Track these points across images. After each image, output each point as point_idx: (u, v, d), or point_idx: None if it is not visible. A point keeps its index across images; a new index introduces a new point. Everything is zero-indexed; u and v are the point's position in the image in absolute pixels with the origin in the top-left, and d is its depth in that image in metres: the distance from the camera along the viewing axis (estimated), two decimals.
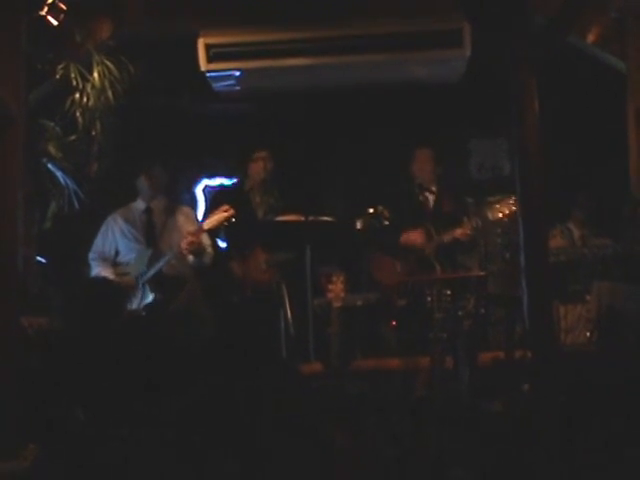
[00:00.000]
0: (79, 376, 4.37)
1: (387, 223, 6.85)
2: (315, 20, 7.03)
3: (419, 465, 5.02)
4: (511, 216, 6.62)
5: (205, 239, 6.80)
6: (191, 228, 6.80)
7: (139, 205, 6.99)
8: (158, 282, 6.64)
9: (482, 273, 6.64)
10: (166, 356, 4.56)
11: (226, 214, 6.66)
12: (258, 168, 7.21)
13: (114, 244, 6.87)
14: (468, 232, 6.81)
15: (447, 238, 6.84)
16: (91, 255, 6.90)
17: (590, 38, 6.92)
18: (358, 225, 6.90)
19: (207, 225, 6.69)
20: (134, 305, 6.57)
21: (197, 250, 6.67)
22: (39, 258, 6.74)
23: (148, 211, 6.96)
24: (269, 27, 7.16)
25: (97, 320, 4.67)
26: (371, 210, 6.79)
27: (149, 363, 4.49)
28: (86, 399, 4.31)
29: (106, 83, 6.63)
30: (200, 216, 7.67)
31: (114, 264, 6.83)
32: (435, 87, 7.78)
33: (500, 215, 6.77)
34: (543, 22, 5.14)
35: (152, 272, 6.64)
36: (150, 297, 6.60)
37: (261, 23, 7.12)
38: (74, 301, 5.02)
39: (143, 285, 6.63)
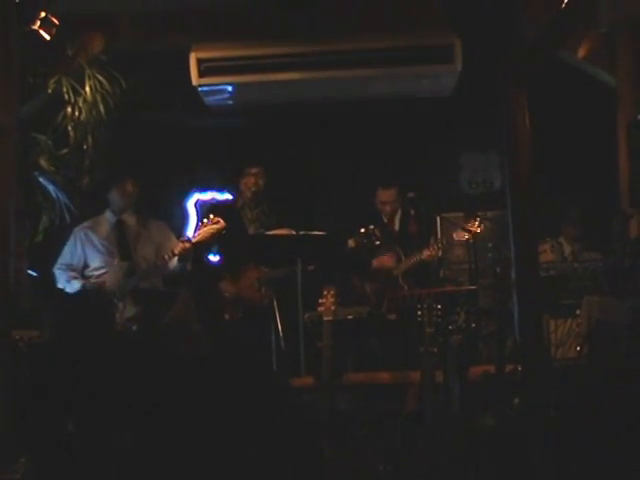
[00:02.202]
0: (70, 389, 4.37)
1: (378, 243, 6.92)
2: (307, 35, 7.06)
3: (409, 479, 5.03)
4: (475, 236, 6.80)
5: None
6: (168, 240, 6.75)
7: (109, 218, 6.83)
8: (138, 295, 6.54)
9: (473, 287, 6.67)
10: (159, 370, 4.55)
11: (216, 226, 6.57)
12: (249, 184, 7.20)
13: (83, 256, 6.71)
14: (434, 254, 7.06)
15: (414, 261, 7.13)
16: (57, 266, 6.74)
17: (580, 53, 6.97)
18: (351, 243, 6.97)
19: (196, 238, 6.58)
20: (116, 319, 6.43)
21: (186, 256, 6.62)
22: (30, 271, 6.73)
23: (119, 224, 6.80)
24: (260, 42, 7.18)
25: (88, 332, 4.66)
26: (362, 230, 6.84)
27: (141, 376, 4.48)
28: (77, 412, 4.31)
29: (98, 97, 6.66)
30: (191, 230, 7.63)
31: (83, 276, 6.69)
32: (426, 101, 7.81)
33: (466, 237, 6.92)
34: (533, 37, 5.17)
35: (131, 285, 6.54)
36: (132, 310, 6.47)
37: (252, 38, 7.15)
38: (64, 313, 5.01)
39: (123, 298, 6.52)
